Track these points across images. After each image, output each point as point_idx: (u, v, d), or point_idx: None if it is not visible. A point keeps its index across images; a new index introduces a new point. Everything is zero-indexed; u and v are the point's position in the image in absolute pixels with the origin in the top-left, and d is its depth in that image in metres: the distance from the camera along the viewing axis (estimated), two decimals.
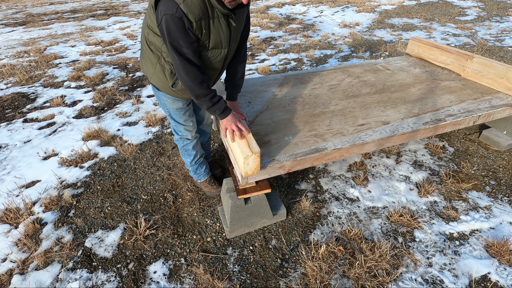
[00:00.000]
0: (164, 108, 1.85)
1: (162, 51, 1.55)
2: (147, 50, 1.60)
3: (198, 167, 2.11)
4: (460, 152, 2.55)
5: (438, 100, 2.30)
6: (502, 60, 4.26)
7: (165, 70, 1.60)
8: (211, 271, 1.70)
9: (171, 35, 1.36)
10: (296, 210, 2.05)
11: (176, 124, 1.89)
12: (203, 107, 1.59)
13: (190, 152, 2.02)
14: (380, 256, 1.72)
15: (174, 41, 1.37)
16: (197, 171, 2.13)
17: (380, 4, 7.95)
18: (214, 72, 1.67)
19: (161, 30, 1.38)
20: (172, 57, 1.43)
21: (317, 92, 2.44)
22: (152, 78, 1.68)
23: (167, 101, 1.77)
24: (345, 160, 2.49)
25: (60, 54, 5.34)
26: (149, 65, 1.65)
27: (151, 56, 1.60)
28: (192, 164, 2.09)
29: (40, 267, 1.75)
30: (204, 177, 2.17)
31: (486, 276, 1.63)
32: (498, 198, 2.11)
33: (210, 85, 1.62)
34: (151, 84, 1.76)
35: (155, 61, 1.60)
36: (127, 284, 1.65)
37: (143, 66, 1.71)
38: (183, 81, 1.48)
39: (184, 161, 2.16)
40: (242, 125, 1.65)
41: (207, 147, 2.34)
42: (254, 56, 4.87)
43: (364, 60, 4.53)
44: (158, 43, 1.52)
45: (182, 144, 1.99)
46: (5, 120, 3.32)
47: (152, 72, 1.65)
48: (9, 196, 2.27)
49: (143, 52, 1.65)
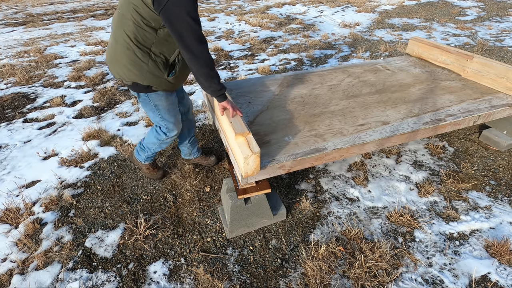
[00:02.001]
0: (154, 112, 1.84)
1: (151, 47, 1.56)
2: (136, 53, 1.57)
3: (153, 155, 2.22)
4: (460, 152, 2.55)
5: (438, 100, 2.30)
6: (502, 60, 4.26)
7: (159, 64, 1.61)
8: (211, 271, 1.70)
9: (188, 8, 1.37)
10: (296, 210, 2.05)
11: (167, 124, 1.91)
12: (212, 87, 1.60)
13: (163, 146, 2.10)
14: (380, 256, 1.72)
15: (191, 13, 1.38)
16: (148, 157, 2.21)
17: (380, 4, 7.95)
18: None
19: (175, 5, 1.36)
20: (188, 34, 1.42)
21: (317, 92, 2.44)
22: (145, 79, 1.65)
23: (160, 99, 1.78)
24: (345, 160, 2.49)
25: (60, 54, 5.34)
26: (138, 68, 1.61)
27: (141, 56, 1.58)
28: (153, 154, 2.20)
29: (40, 267, 1.75)
30: (150, 160, 2.27)
31: (486, 276, 1.63)
32: (498, 198, 2.11)
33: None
34: (141, 89, 1.70)
35: (147, 60, 1.59)
36: (127, 284, 1.65)
37: (127, 73, 1.64)
38: (201, 59, 1.48)
39: (147, 149, 2.15)
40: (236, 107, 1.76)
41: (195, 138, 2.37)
42: (254, 56, 4.87)
43: (364, 60, 4.53)
44: (151, 37, 1.53)
45: (164, 141, 2.03)
46: (5, 120, 3.32)
47: (145, 73, 1.62)
48: (9, 196, 2.27)
49: (127, 57, 1.59)
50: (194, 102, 3.45)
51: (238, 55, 4.95)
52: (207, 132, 2.93)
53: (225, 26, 6.69)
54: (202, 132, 2.92)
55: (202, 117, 3.17)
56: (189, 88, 3.83)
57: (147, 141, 2.09)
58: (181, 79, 1.80)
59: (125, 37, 1.56)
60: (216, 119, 2.06)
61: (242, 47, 5.33)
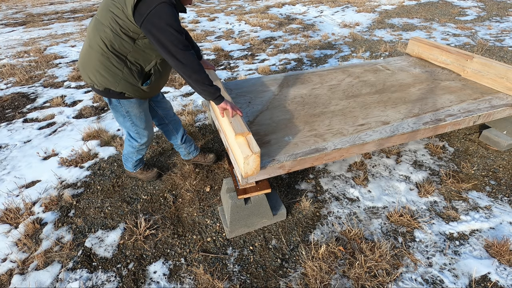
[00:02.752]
0: (125, 118, 1.84)
1: (127, 55, 1.57)
2: (111, 59, 1.57)
3: (138, 162, 2.23)
4: (460, 152, 2.55)
5: (438, 100, 2.30)
6: (502, 60, 4.26)
7: (133, 72, 1.62)
8: (211, 271, 1.70)
9: (169, 20, 1.41)
10: (296, 210, 2.05)
11: (137, 129, 1.93)
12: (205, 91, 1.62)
13: (142, 152, 2.15)
14: (380, 256, 1.72)
15: (172, 24, 1.42)
16: (134, 166, 2.23)
17: (380, 4, 7.95)
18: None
19: (155, 17, 1.40)
20: (171, 44, 1.45)
21: (317, 92, 2.44)
22: (118, 85, 1.65)
23: (132, 107, 1.79)
24: (345, 160, 2.49)
25: (60, 54, 5.34)
26: (112, 74, 1.61)
27: (116, 63, 1.58)
28: (137, 161, 2.21)
29: (40, 267, 1.75)
30: (140, 166, 2.28)
31: (486, 276, 1.63)
32: (498, 198, 2.11)
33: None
34: (113, 95, 1.70)
35: (122, 67, 1.60)
36: (127, 284, 1.65)
37: (100, 79, 1.63)
38: (188, 66, 1.51)
39: (129, 159, 2.18)
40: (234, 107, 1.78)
41: (188, 136, 2.35)
42: (254, 56, 4.87)
43: (364, 60, 4.53)
44: (128, 46, 1.54)
45: (139, 148, 2.06)
46: (5, 120, 3.32)
47: (119, 80, 1.63)
48: (9, 196, 2.27)
49: (101, 63, 1.59)
50: (194, 102, 3.45)
51: (238, 55, 4.95)
52: (207, 132, 2.93)
53: (225, 26, 6.69)
54: (202, 132, 2.92)
55: (202, 117, 3.17)
56: (189, 88, 3.83)
57: (125, 151, 2.14)
58: (155, 89, 1.81)
59: (100, 44, 1.55)
60: (216, 119, 2.06)
61: (242, 47, 5.33)
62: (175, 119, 2.22)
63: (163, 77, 1.81)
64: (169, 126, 2.20)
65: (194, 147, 2.39)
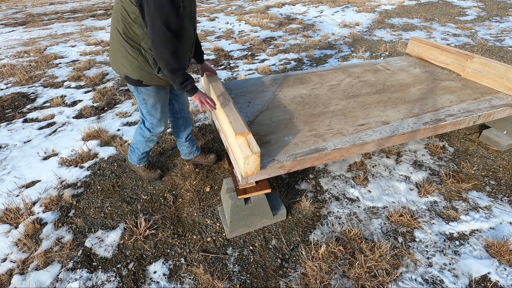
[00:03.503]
0: (142, 105, 1.89)
1: (141, 43, 1.60)
2: (126, 48, 1.62)
3: (144, 156, 2.23)
4: (460, 152, 2.55)
5: (438, 100, 2.30)
6: (502, 60, 4.26)
7: (148, 60, 1.65)
8: (211, 271, 1.70)
9: (160, 2, 1.39)
10: (296, 210, 2.05)
11: (152, 119, 1.94)
12: (176, 83, 1.62)
13: (150, 145, 2.13)
14: (380, 256, 1.72)
15: (163, 8, 1.40)
16: (139, 159, 2.22)
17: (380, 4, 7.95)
18: (186, 52, 1.73)
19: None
20: (154, 27, 1.44)
21: (317, 92, 2.44)
22: (135, 73, 1.69)
23: (150, 94, 1.81)
24: (345, 160, 2.49)
25: (60, 54, 5.34)
26: (129, 63, 1.67)
27: (131, 52, 1.63)
28: (143, 154, 2.21)
29: (40, 267, 1.75)
30: (144, 162, 2.28)
31: (486, 276, 1.63)
32: (498, 198, 2.11)
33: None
34: (132, 82, 1.76)
35: (137, 56, 1.64)
36: (127, 284, 1.65)
37: (121, 67, 1.71)
38: (162, 54, 1.50)
39: (136, 150, 2.17)
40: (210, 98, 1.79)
41: (193, 136, 2.35)
42: (254, 56, 4.87)
43: (364, 60, 4.53)
44: (139, 33, 1.56)
45: (149, 138, 2.05)
46: (5, 120, 3.32)
47: (135, 68, 1.67)
48: (9, 196, 2.27)
49: (120, 52, 1.67)
50: (194, 102, 3.45)
51: (238, 55, 4.95)
52: (207, 132, 2.93)
53: (225, 26, 6.69)
54: (202, 132, 2.92)
55: (202, 117, 3.17)
56: None
57: (134, 140, 2.13)
58: None
59: (117, 33, 1.61)
60: (216, 119, 2.06)
61: (242, 47, 5.33)
62: (188, 116, 2.23)
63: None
64: (180, 120, 2.20)
65: (196, 147, 2.39)
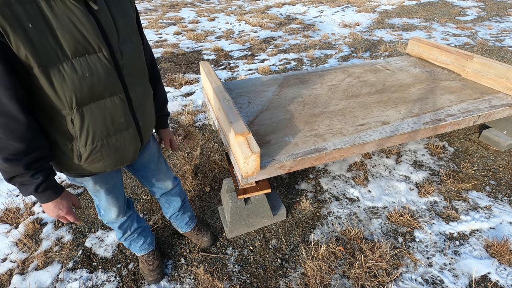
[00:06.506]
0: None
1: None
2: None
3: (131, 242, 1.58)
4: (460, 152, 2.55)
5: (438, 100, 2.30)
6: (502, 60, 4.26)
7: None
8: (211, 271, 1.70)
9: None
10: (296, 210, 2.05)
11: (100, 203, 1.34)
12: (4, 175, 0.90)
13: (116, 230, 1.50)
14: (380, 256, 1.72)
15: None
16: (131, 245, 1.60)
17: (380, 4, 7.95)
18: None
19: None
20: None
21: (317, 92, 2.44)
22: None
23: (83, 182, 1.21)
24: (345, 160, 2.49)
25: None
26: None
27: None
28: (122, 241, 1.56)
29: (40, 267, 1.75)
30: (140, 252, 1.63)
31: (486, 276, 1.63)
32: (498, 198, 2.11)
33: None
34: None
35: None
36: (127, 284, 1.65)
37: None
38: None
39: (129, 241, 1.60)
40: (70, 214, 1.05)
41: (186, 207, 1.75)
42: (254, 56, 4.87)
43: (364, 60, 4.53)
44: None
45: (106, 222, 1.45)
46: None
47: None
48: (9, 196, 2.27)
49: None
50: (194, 102, 3.45)
51: (238, 55, 4.95)
52: (207, 132, 2.93)
53: (225, 26, 6.69)
54: (202, 132, 2.92)
55: (202, 117, 3.17)
56: (189, 88, 3.83)
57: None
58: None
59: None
60: (216, 119, 2.06)
61: (242, 47, 5.33)
62: (173, 194, 1.61)
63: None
64: (161, 199, 1.63)
65: (185, 223, 1.77)
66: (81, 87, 0.88)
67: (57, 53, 0.82)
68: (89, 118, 0.95)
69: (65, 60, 0.84)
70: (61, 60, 0.83)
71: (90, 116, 0.95)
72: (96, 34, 0.87)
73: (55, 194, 0.98)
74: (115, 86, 0.96)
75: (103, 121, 0.98)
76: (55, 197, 0.98)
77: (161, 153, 1.45)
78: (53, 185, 0.97)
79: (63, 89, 0.86)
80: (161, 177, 1.48)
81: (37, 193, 0.93)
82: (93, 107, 0.94)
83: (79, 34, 0.84)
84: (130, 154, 1.14)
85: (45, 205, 0.99)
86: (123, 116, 1.02)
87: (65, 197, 1.02)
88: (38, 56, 0.79)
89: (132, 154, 1.15)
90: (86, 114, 0.94)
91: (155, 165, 1.41)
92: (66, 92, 0.87)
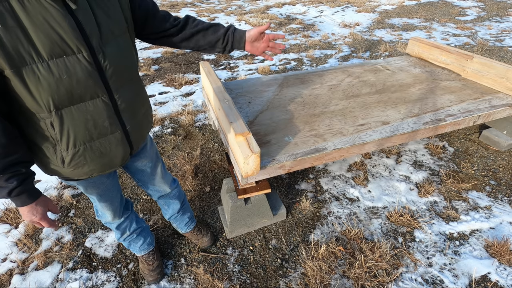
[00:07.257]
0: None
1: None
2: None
3: (131, 242, 1.58)
4: (460, 152, 2.55)
5: (438, 100, 2.30)
6: (502, 60, 4.26)
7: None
8: (211, 271, 1.70)
9: None
10: (296, 210, 2.05)
11: (95, 205, 1.37)
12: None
13: (115, 231, 1.50)
14: (380, 256, 1.72)
15: None
16: (130, 245, 1.59)
17: (380, 4, 7.95)
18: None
19: None
20: None
21: (317, 92, 2.44)
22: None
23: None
24: (345, 160, 2.49)
25: None
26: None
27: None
28: (122, 241, 1.56)
29: (40, 267, 1.75)
30: (140, 252, 1.63)
31: (486, 276, 1.63)
32: (498, 198, 2.11)
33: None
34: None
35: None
36: (127, 284, 1.65)
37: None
38: None
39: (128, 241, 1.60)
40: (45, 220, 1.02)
41: (186, 208, 1.74)
42: (254, 56, 4.87)
43: (364, 60, 4.53)
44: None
45: (103, 222, 1.46)
46: None
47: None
48: None
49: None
50: (194, 102, 3.45)
51: (238, 55, 4.95)
52: (207, 132, 2.93)
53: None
54: (202, 132, 2.92)
55: (202, 117, 3.17)
56: (189, 88, 3.83)
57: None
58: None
59: None
60: (216, 119, 2.06)
61: None
62: (171, 197, 1.61)
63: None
64: (160, 201, 1.64)
65: (186, 224, 1.78)
66: (58, 89, 0.84)
67: (31, 54, 0.79)
68: (69, 121, 0.92)
69: (40, 61, 0.80)
70: (36, 61, 0.80)
71: (71, 119, 0.92)
72: (75, 35, 0.83)
73: (29, 199, 0.95)
74: (97, 88, 0.92)
75: (85, 124, 0.95)
76: (29, 202, 0.95)
77: (159, 157, 1.45)
78: (28, 189, 0.94)
79: (39, 91, 0.83)
80: (158, 182, 1.48)
81: (11, 197, 0.91)
82: (73, 110, 0.91)
83: (55, 34, 0.80)
84: (118, 159, 1.11)
85: (20, 209, 0.97)
86: (107, 120, 0.99)
87: (41, 203, 0.99)
88: (9, 57, 0.77)
89: (120, 159, 1.11)
90: (65, 117, 0.91)
91: (152, 170, 1.40)
92: (43, 94, 0.84)
